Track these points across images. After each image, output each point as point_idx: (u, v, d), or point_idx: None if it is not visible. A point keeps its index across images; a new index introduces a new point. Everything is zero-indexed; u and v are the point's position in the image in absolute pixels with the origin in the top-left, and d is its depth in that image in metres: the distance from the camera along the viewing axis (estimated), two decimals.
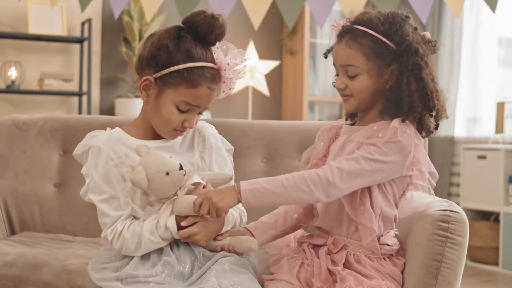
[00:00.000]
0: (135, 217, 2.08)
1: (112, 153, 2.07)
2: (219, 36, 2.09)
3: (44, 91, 5.94)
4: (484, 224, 5.50)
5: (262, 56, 6.72)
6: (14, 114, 3.08)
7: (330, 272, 2.02)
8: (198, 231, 2.02)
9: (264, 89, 6.63)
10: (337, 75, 2.10)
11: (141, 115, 2.20)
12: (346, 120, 2.22)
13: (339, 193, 1.96)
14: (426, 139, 2.67)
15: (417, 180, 2.04)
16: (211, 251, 2.08)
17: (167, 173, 2.00)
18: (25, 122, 2.92)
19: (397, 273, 2.02)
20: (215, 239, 2.09)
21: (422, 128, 2.03)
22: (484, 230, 5.47)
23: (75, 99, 6.30)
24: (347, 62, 2.04)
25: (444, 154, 6.10)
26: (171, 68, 2.05)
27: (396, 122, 1.98)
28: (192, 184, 2.05)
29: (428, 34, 2.09)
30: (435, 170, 2.09)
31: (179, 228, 2.02)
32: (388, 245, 2.04)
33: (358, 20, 2.06)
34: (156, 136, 2.17)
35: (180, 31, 2.10)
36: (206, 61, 2.07)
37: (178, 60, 2.05)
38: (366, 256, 2.02)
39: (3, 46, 5.94)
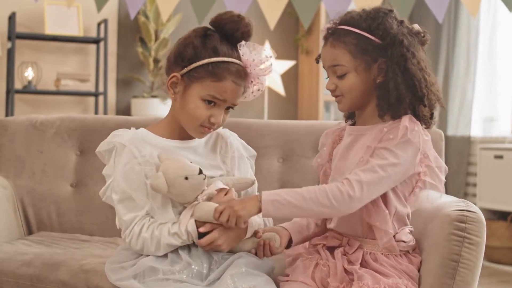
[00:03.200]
0: (152, 217, 2.08)
1: (136, 152, 2.07)
2: (245, 34, 2.12)
3: (61, 91, 5.97)
4: (501, 224, 5.47)
5: (278, 56, 6.69)
6: (31, 114, 3.09)
7: (346, 271, 2.02)
8: (218, 236, 2.02)
9: (280, 89, 6.62)
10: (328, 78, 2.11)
11: (170, 114, 2.21)
12: (346, 121, 2.22)
13: (360, 205, 1.96)
14: (443, 139, 2.66)
15: (426, 177, 2.03)
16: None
17: (186, 178, 2.01)
18: (42, 122, 2.94)
19: (413, 270, 2.02)
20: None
21: (419, 119, 2.02)
22: (501, 230, 5.44)
23: (92, 99, 6.32)
24: (333, 63, 2.05)
25: (461, 154, 6.07)
26: (196, 63, 2.07)
27: (405, 121, 1.97)
28: (216, 190, 2.06)
29: (416, 26, 2.08)
30: (444, 164, 2.08)
31: (199, 234, 2.03)
32: (404, 241, 2.05)
33: (341, 21, 2.07)
34: (182, 136, 2.18)
35: (207, 31, 2.13)
36: (231, 57, 2.09)
37: (204, 55, 2.07)
38: (382, 254, 2.03)
39: (20, 46, 5.97)
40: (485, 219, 2.03)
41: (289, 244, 2.17)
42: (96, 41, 6.14)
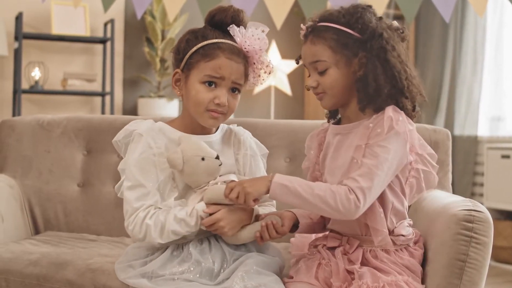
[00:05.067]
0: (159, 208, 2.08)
1: (152, 142, 2.09)
2: (234, 18, 2.14)
3: (67, 91, 5.98)
4: (508, 224, 5.46)
5: (284, 55, 6.73)
6: (38, 114, 3.10)
7: (348, 270, 2.02)
8: (221, 218, 2.02)
9: (286, 88, 6.62)
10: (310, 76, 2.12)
11: (182, 112, 2.24)
12: (328, 121, 2.22)
13: (363, 211, 1.96)
14: (450, 138, 2.66)
15: (418, 165, 2.04)
16: (238, 244, 2.10)
17: (203, 158, 2.05)
18: (49, 122, 2.94)
19: (415, 264, 2.03)
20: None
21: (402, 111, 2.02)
22: (508, 230, 5.43)
23: (98, 99, 6.33)
24: (314, 59, 2.05)
25: (468, 154, 6.07)
26: (188, 52, 2.12)
27: (389, 112, 1.98)
28: (226, 182, 2.07)
29: (395, 23, 2.09)
30: (432, 151, 2.08)
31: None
32: (403, 235, 2.04)
33: (320, 17, 2.08)
34: (198, 131, 2.20)
35: (200, 27, 2.18)
36: (223, 39, 2.12)
37: (195, 43, 2.12)
38: (382, 250, 2.03)
39: (27, 46, 5.99)
40: (491, 219, 2.02)
41: (295, 227, 2.16)
42: (102, 41, 6.16)
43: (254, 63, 2.16)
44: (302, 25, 2.12)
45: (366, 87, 1.99)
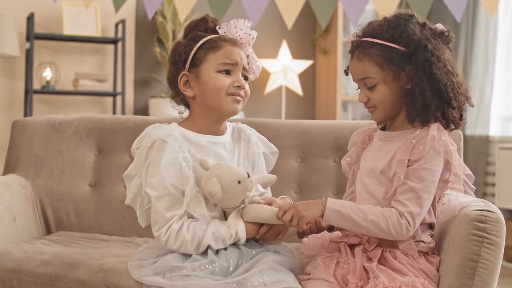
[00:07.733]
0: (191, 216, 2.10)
1: (177, 147, 2.10)
2: (215, 23, 2.23)
3: (79, 91, 5.99)
4: None
5: (295, 55, 6.72)
6: (50, 114, 3.11)
7: (365, 269, 2.03)
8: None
9: (297, 88, 6.61)
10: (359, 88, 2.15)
11: (192, 113, 2.26)
12: (377, 124, 2.25)
13: (413, 233, 2.02)
14: (462, 138, 2.66)
15: (454, 184, 2.06)
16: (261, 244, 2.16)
17: (239, 182, 2.04)
18: (61, 122, 2.95)
19: (432, 270, 2.03)
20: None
21: (449, 122, 2.06)
22: None
23: (109, 99, 6.34)
24: (362, 76, 2.09)
25: (479, 154, 6.04)
26: (193, 49, 2.17)
27: (433, 130, 2.01)
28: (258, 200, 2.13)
29: (440, 26, 2.11)
30: (470, 172, 2.12)
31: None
32: (423, 241, 2.06)
33: (364, 33, 2.11)
34: (212, 131, 2.22)
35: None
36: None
37: (195, 42, 2.18)
38: (402, 252, 2.04)
39: (38, 47, 6.00)
40: (504, 219, 2.02)
41: (332, 227, 2.22)
42: (114, 41, 6.16)
43: (248, 56, 2.24)
44: (347, 37, 2.17)
45: (414, 102, 2.03)
